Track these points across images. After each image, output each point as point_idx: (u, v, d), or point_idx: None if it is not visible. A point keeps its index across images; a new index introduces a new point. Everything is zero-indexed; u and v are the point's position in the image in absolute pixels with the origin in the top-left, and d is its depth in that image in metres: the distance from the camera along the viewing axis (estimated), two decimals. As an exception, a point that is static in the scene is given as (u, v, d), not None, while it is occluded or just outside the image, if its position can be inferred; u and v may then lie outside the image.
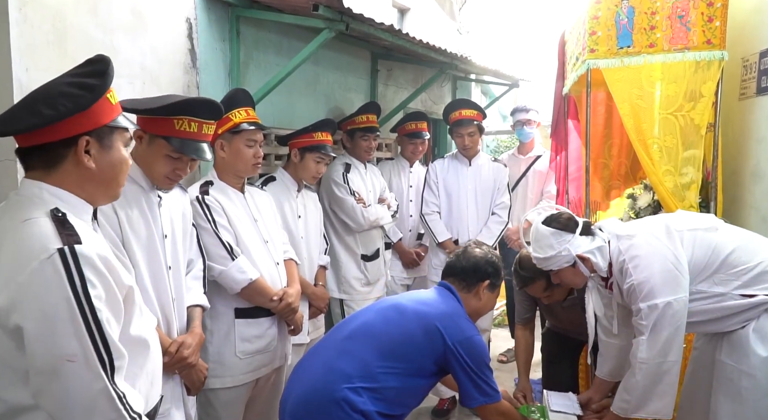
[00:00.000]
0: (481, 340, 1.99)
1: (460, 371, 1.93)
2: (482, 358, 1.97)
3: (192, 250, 2.02)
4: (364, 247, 3.28)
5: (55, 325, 1.10)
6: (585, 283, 2.25)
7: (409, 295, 2.18)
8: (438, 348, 1.92)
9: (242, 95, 2.33)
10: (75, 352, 1.11)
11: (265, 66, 2.97)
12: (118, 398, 1.15)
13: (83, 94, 1.21)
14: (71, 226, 1.18)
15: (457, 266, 2.14)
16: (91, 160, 1.25)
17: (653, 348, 1.94)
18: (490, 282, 2.12)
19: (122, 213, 1.67)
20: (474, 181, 3.59)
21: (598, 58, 3.13)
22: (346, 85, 3.75)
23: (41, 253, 1.11)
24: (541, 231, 2.14)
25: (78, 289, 1.12)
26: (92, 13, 2.02)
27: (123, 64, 2.16)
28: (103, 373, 1.13)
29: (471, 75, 5.24)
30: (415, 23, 4.78)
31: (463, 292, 2.11)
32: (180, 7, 2.46)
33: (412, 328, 1.93)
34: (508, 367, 4.63)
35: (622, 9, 3.05)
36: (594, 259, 2.09)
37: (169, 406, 1.78)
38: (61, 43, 1.89)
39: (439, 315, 1.96)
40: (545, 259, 2.14)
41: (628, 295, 2.04)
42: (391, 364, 1.87)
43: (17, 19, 1.73)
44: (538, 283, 2.52)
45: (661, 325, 1.93)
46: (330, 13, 2.44)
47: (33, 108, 1.18)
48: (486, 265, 2.12)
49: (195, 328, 1.91)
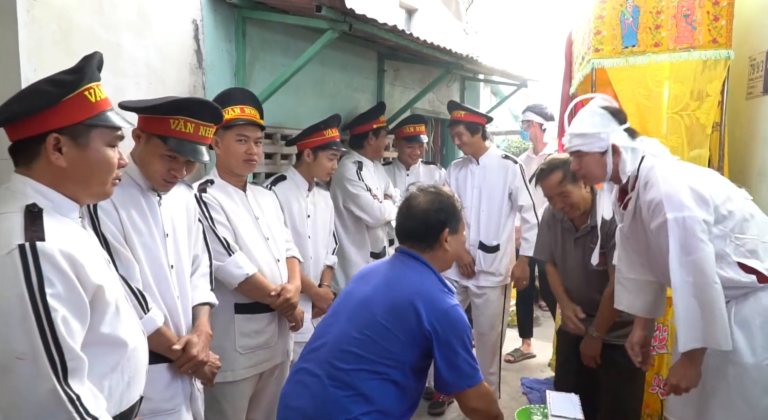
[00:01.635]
0: (461, 312, 1.77)
1: (437, 352, 1.72)
2: (463, 334, 1.75)
3: (198, 246, 2.02)
4: (373, 245, 3.33)
5: (7, 322, 1.09)
6: (601, 181, 2.21)
7: (374, 280, 1.88)
8: (415, 333, 1.72)
9: (238, 93, 2.33)
10: (25, 350, 1.09)
11: (271, 66, 3.01)
12: (69, 400, 1.12)
13: (51, 90, 1.21)
14: (40, 223, 1.17)
15: (408, 228, 1.90)
16: (61, 159, 1.23)
17: (683, 265, 1.88)
18: (449, 227, 1.87)
19: (123, 212, 1.68)
20: (480, 180, 3.58)
21: (603, 58, 3.13)
22: (353, 85, 3.77)
23: (2, 249, 1.11)
24: (592, 108, 2.15)
25: (33, 286, 1.10)
26: (98, 13, 2.06)
27: (129, 64, 2.20)
28: (52, 374, 1.10)
29: (479, 75, 5.25)
30: (422, 23, 4.80)
31: (426, 253, 1.87)
32: (186, 8, 2.50)
33: (391, 328, 1.73)
34: (515, 366, 4.63)
35: (627, 8, 3.05)
36: (625, 156, 2.08)
37: (179, 403, 1.80)
38: (67, 43, 1.93)
39: (411, 295, 1.75)
40: (581, 135, 2.13)
41: (652, 210, 1.97)
42: (382, 375, 1.72)
43: (25, 20, 1.78)
44: (555, 174, 2.64)
45: (688, 238, 1.87)
46: (333, 14, 2.46)
47: (7, 104, 1.21)
48: (437, 214, 1.86)
49: (201, 325, 1.90)
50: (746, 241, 1.97)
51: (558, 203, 2.69)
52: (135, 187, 1.75)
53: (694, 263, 1.88)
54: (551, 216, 2.92)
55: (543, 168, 2.72)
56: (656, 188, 1.97)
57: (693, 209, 1.90)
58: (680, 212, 1.90)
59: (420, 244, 1.88)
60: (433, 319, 1.71)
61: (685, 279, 1.89)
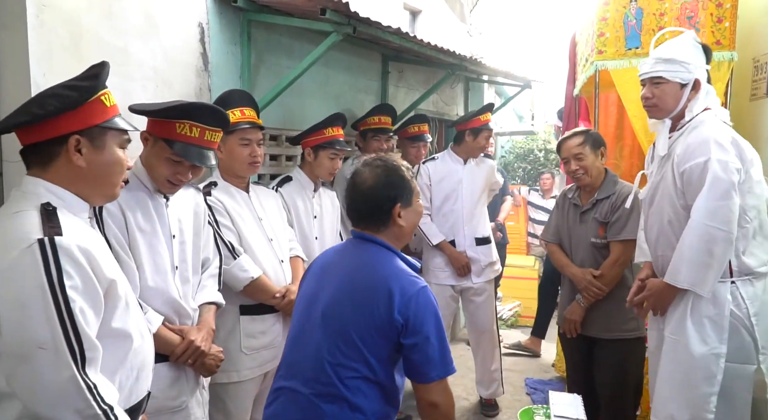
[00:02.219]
0: (430, 295, 1.62)
1: (408, 340, 1.57)
2: (435, 319, 1.60)
3: (208, 249, 2.05)
4: None
5: (29, 312, 1.14)
6: (666, 116, 2.17)
7: (335, 279, 1.70)
8: (386, 326, 1.57)
9: (237, 95, 2.35)
10: (46, 339, 1.14)
11: (276, 69, 3.03)
12: (87, 388, 1.17)
13: (71, 95, 1.28)
14: (56, 220, 1.23)
15: (357, 209, 1.73)
16: (81, 159, 1.30)
17: (709, 208, 1.94)
18: (401, 202, 1.69)
19: (129, 214, 1.71)
20: (469, 181, 3.63)
21: (606, 60, 3.15)
22: (357, 87, 3.79)
23: (22, 243, 1.17)
24: (686, 38, 2.12)
25: (53, 278, 1.16)
26: (106, 17, 2.08)
27: (136, 67, 2.22)
28: (72, 363, 1.16)
29: (483, 76, 5.26)
30: (426, 25, 4.81)
31: (381, 232, 1.71)
32: (192, 11, 2.52)
33: (366, 327, 1.59)
34: (518, 366, 4.65)
35: (630, 10, 3.06)
36: (701, 94, 2.08)
37: (186, 399, 1.83)
38: (76, 47, 1.95)
39: (378, 285, 1.60)
40: (669, 60, 2.08)
41: (693, 150, 2.01)
42: (369, 380, 1.60)
43: (34, 24, 1.80)
44: (577, 136, 2.77)
45: (725, 183, 1.92)
46: (337, 17, 2.48)
47: (26, 108, 1.27)
48: (386, 190, 1.68)
49: (204, 321, 1.93)
50: (745, 230, 2.02)
51: (572, 165, 2.77)
52: (142, 188, 1.78)
53: (721, 209, 1.92)
54: (563, 196, 3.02)
55: (567, 134, 2.86)
56: (706, 130, 2.00)
57: (737, 161, 1.95)
58: (725, 156, 1.94)
59: (373, 225, 1.71)
60: (403, 306, 1.56)
61: (705, 221, 1.94)
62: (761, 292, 2.05)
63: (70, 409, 1.15)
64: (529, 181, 8.69)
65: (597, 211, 2.76)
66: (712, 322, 2.02)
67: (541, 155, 9.05)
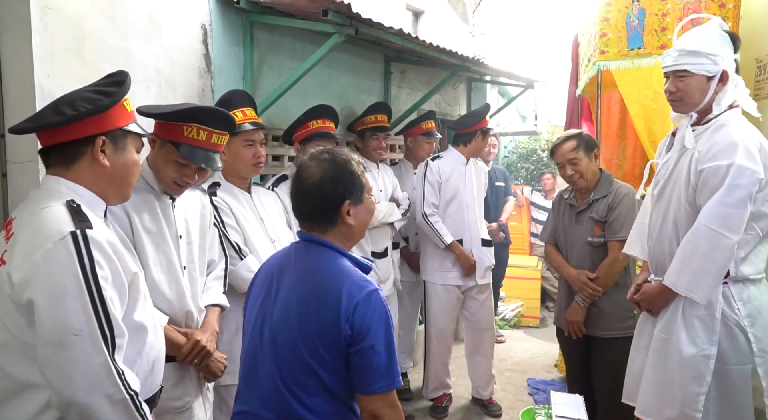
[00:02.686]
0: (381, 299, 1.46)
1: (354, 348, 1.44)
2: (384, 326, 1.45)
3: (214, 250, 2.07)
4: (374, 245, 3.31)
5: (64, 301, 1.20)
6: (692, 110, 2.06)
7: (283, 291, 1.55)
8: (335, 335, 1.44)
9: (238, 96, 2.36)
10: (81, 326, 1.20)
11: (279, 69, 3.04)
12: (117, 374, 1.23)
13: (102, 99, 1.36)
14: (84, 215, 1.30)
15: (302, 208, 1.57)
16: (106, 159, 1.38)
17: (719, 212, 1.89)
18: (350, 199, 1.53)
19: (134, 215, 1.73)
20: (473, 180, 3.65)
21: (608, 60, 3.15)
22: (359, 88, 3.80)
23: (55, 235, 1.23)
24: (711, 27, 2.00)
25: (87, 268, 1.22)
26: (109, 20, 2.10)
27: (139, 69, 2.24)
28: (104, 348, 1.22)
29: (486, 76, 5.26)
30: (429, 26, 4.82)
31: (329, 233, 1.55)
32: (195, 13, 2.54)
33: (318, 344, 1.45)
34: (520, 367, 4.65)
35: (632, 11, 3.06)
36: (729, 86, 1.99)
37: (190, 400, 1.83)
38: (79, 49, 1.97)
39: (326, 293, 1.46)
40: (694, 52, 1.97)
41: (717, 150, 1.93)
42: (333, 396, 1.48)
43: (38, 27, 1.82)
44: (570, 141, 2.75)
45: (741, 190, 1.87)
46: (339, 18, 2.49)
47: (57, 109, 1.33)
48: (334, 187, 1.52)
49: (208, 322, 1.94)
50: (749, 238, 1.99)
51: (568, 170, 2.77)
52: (149, 189, 1.81)
53: (732, 217, 1.88)
54: (558, 197, 3.03)
55: (559, 137, 2.83)
56: (736, 132, 1.93)
57: (760, 170, 1.89)
58: (750, 164, 1.88)
59: (320, 225, 1.56)
60: (350, 312, 1.43)
61: (710, 226, 1.90)
62: (754, 295, 2.02)
63: (102, 394, 1.21)
64: (532, 182, 8.68)
65: (593, 211, 2.77)
66: (703, 322, 2.00)
67: (544, 155, 9.03)
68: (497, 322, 5.63)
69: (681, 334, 2.02)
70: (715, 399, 1.99)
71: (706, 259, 1.92)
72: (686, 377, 2.00)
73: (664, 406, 2.07)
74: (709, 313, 1.99)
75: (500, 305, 5.91)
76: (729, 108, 2.05)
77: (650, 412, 2.12)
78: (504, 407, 3.81)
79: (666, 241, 2.12)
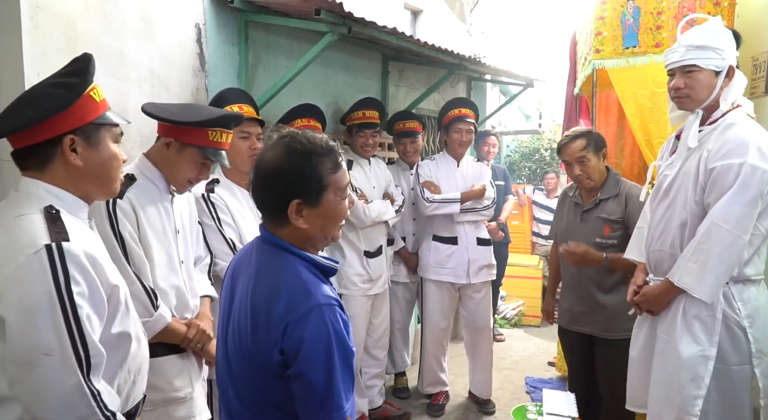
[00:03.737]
0: (324, 317, 1.21)
1: (290, 371, 1.22)
2: (325, 353, 1.20)
3: (200, 247, 2.11)
4: (367, 244, 3.31)
5: (36, 318, 1.12)
6: (698, 106, 2.04)
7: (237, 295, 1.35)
8: (267, 360, 1.23)
9: (233, 93, 2.40)
10: (52, 346, 1.13)
11: (274, 68, 3.05)
12: (91, 395, 1.16)
13: (63, 94, 1.25)
14: (62, 224, 1.21)
15: (257, 201, 1.34)
16: (78, 159, 1.28)
17: (729, 211, 1.87)
18: (302, 198, 1.27)
19: (140, 210, 1.77)
20: (462, 181, 3.63)
21: (604, 59, 3.14)
22: (356, 87, 3.81)
23: (29, 248, 1.15)
24: (716, 23, 2.01)
25: (61, 284, 1.14)
26: (102, 19, 2.12)
27: (132, 68, 2.26)
28: (78, 370, 1.14)
29: (486, 75, 5.25)
30: (427, 25, 4.82)
31: (278, 229, 1.32)
32: (189, 13, 2.55)
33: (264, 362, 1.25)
34: (519, 365, 4.65)
35: (627, 9, 3.05)
36: (736, 80, 1.99)
37: (191, 391, 1.86)
38: (71, 49, 1.98)
39: (261, 308, 1.25)
40: (701, 47, 1.96)
41: (727, 150, 1.92)
42: None
43: (29, 27, 1.84)
44: (579, 140, 2.70)
45: (753, 190, 1.86)
46: (332, 17, 2.50)
47: (16, 110, 1.24)
48: (281, 180, 1.27)
49: (202, 313, 1.99)
50: (754, 238, 1.97)
51: (575, 169, 2.73)
52: (152, 187, 1.84)
53: (744, 217, 1.87)
54: (563, 195, 3.01)
55: (568, 135, 2.78)
56: (747, 131, 1.92)
57: (765, 164, 1.87)
58: (762, 163, 1.87)
59: (271, 221, 1.34)
60: (281, 331, 1.20)
61: (720, 224, 1.89)
62: (754, 296, 2.01)
63: (74, 416, 1.15)
64: (534, 181, 8.66)
65: (602, 210, 2.73)
66: (703, 323, 1.99)
67: (547, 154, 9.02)
68: (498, 320, 5.63)
69: (681, 334, 2.01)
70: (715, 399, 1.97)
71: (717, 258, 1.90)
72: (684, 379, 1.98)
73: (663, 410, 2.05)
74: (710, 313, 1.98)
75: (501, 304, 5.91)
76: (732, 108, 2.04)
77: (654, 416, 2.11)
78: (501, 405, 3.81)
79: (668, 242, 2.10)
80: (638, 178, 3.87)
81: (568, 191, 2.99)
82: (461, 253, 3.60)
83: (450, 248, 3.61)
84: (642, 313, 2.22)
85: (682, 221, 2.05)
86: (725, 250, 1.89)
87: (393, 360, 3.92)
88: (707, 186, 1.96)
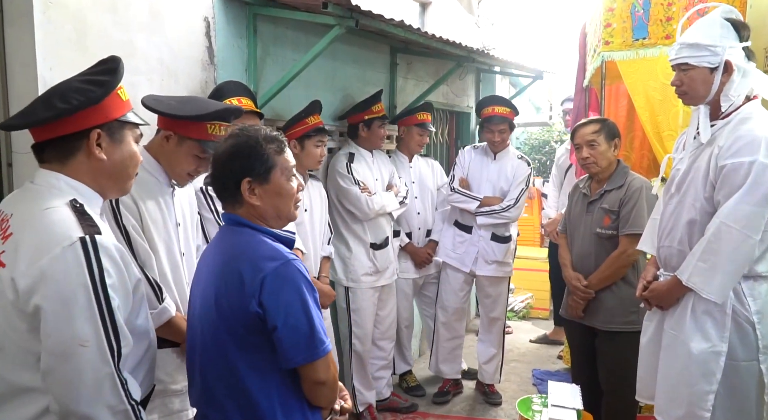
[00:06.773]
0: (292, 269, 1.41)
1: (274, 323, 1.38)
2: (300, 295, 1.40)
3: (199, 238, 2.13)
4: (374, 236, 3.33)
5: (72, 310, 1.15)
6: (700, 102, 2.03)
7: (203, 277, 1.54)
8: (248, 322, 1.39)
9: (232, 86, 2.41)
10: (88, 337, 1.16)
11: (282, 61, 3.06)
12: (121, 385, 1.20)
13: (94, 90, 1.29)
14: (90, 217, 1.25)
15: (213, 187, 1.57)
16: (102, 153, 1.32)
17: (740, 210, 1.86)
18: (251, 176, 1.47)
19: (141, 204, 1.79)
20: (496, 175, 3.66)
21: (613, 51, 3.12)
22: (365, 79, 3.81)
23: (64, 241, 1.17)
24: (713, 17, 1.99)
25: (96, 276, 1.18)
26: (112, 12, 2.14)
27: (141, 61, 2.28)
28: (111, 359, 1.18)
29: (495, 67, 5.23)
30: (436, 17, 4.80)
31: (237, 208, 1.51)
32: (198, 6, 2.57)
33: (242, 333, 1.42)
34: (526, 357, 4.66)
35: (637, 0, 3.03)
36: (735, 76, 1.94)
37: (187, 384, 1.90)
38: (82, 42, 2.01)
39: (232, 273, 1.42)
40: (693, 45, 1.96)
41: (739, 146, 1.89)
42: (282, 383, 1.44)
43: (41, 20, 1.86)
44: (593, 124, 2.76)
45: (763, 185, 1.84)
46: (339, 10, 2.51)
47: (48, 103, 1.27)
48: (231, 162, 1.48)
49: None
50: (764, 236, 1.94)
51: (584, 152, 2.76)
52: (152, 180, 1.85)
53: (755, 216, 1.85)
54: (575, 187, 3.03)
55: (583, 120, 2.84)
56: (759, 127, 1.89)
57: None
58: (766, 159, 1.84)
59: (228, 203, 1.53)
60: (257, 290, 1.37)
61: (730, 224, 1.87)
62: (765, 292, 1.99)
63: (104, 405, 1.18)
64: (544, 173, 8.63)
65: (604, 201, 2.75)
66: (713, 319, 1.98)
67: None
68: (506, 313, 5.64)
69: (690, 330, 2.00)
70: (723, 395, 1.97)
71: (726, 259, 1.88)
72: (694, 375, 1.98)
73: (672, 405, 2.05)
74: (720, 309, 1.97)
75: (509, 296, 5.92)
76: (747, 100, 2.01)
77: (661, 410, 2.11)
78: (507, 397, 3.83)
79: (677, 238, 2.10)
80: (647, 171, 3.85)
81: (579, 183, 3.01)
82: (472, 243, 3.66)
83: (463, 236, 3.69)
84: (651, 309, 2.22)
85: (690, 218, 2.04)
86: (735, 251, 1.87)
87: (402, 356, 3.93)
88: (717, 183, 1.95)
